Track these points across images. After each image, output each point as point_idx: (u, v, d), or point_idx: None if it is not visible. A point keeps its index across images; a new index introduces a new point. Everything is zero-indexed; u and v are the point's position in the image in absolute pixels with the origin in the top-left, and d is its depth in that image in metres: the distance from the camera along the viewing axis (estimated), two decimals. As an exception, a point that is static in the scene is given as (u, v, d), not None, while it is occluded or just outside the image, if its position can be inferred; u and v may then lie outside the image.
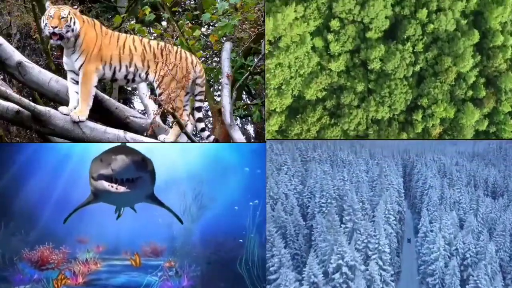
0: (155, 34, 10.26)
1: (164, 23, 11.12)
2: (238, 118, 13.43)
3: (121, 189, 6.14)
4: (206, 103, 9.26)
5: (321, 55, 10.16)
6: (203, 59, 10.75)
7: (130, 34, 7.68)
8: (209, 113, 11.46)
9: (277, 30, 9.71)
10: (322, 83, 10.18)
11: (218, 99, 9.25)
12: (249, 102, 12.99)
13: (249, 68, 9.04)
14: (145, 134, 6.77)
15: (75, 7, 6.82)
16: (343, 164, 12.90)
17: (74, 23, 6.46)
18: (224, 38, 9.18)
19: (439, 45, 10.22)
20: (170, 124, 7.37)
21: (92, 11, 11.95)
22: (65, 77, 6.96)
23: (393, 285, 8.67)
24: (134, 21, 11.60)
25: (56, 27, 6.34)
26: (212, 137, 7.31)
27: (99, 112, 7.15)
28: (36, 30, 10.61)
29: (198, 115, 7.25)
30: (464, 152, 15.22)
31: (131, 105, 14.60)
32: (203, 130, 7.31)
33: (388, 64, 10.10)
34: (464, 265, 9.22)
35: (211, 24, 11.11)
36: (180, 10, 12.80)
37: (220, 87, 9.00)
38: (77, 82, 6.66)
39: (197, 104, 7.27)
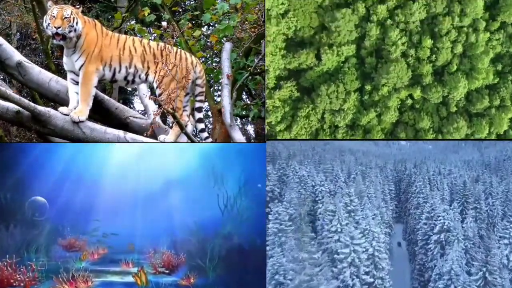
0: (155, 35, 10.26)
1: (164, 23, 11.12)
2: (238, 118, 13.43)
3: None
4: (206, 104, 9.25)
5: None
6: (203, 59, 10.75)
7: (130, 35, 7.67)
8: (209, 113, 11.47)
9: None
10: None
11: (218, 99, 9.24)
12: (249, 102, 12.99)
13: (249, 68, 9.04)
14: (145, 135, 6.75)
15: (77, 6, 6.79)
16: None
17: (77, 23, 6.45)
18: (224, 39, 9.18)
19: None
20: (170, 125, 7.37)
21: (92, 11, 11.98)
22: (65, 77, 6.96)
23: None
24: (134, 21, 11.62)
25: (59, 27, 6.33)
26: (209, 140, 7.30)
27: (99, 113, 7.15)
28: (36, 30, 10.64)
29: (198, 115, 7.24)
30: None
31: (131, 105, 14.65)
32: (202, 130, 7.31)
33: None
34: None
35: (211, 24, 11.11)
36: (180, 10, 12.81)
37: (220, 87, 8.99)
38: (77, 83, 6.65)
39: (197, 105, 7.26)
